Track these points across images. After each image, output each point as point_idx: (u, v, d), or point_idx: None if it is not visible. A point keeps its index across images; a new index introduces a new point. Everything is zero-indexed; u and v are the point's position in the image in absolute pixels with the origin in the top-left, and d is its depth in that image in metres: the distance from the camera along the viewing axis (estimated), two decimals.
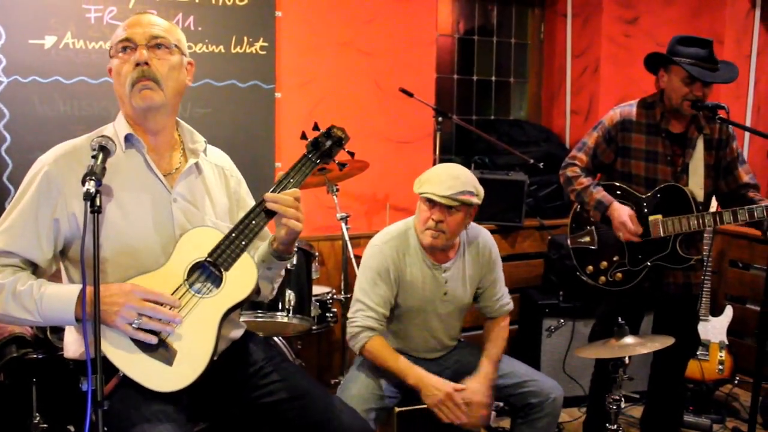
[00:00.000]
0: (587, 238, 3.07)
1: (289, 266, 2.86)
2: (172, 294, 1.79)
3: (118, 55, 1.85)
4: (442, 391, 2.43)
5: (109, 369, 1.70)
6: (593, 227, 3.05)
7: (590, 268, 3.06)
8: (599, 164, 3.06)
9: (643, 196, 2.94)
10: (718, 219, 2.79)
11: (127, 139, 1.88)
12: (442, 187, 2.49)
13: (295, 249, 2.00)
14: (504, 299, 2.82)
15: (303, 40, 3.77)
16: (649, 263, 2.95)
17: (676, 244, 2.90)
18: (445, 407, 2.42)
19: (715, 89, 3.59)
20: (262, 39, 3.64)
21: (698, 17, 4.52)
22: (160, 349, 1.75)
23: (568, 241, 3.14)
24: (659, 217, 2.89)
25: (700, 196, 2.89)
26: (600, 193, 2.97)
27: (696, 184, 2.89)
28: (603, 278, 3.03)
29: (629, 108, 2.98)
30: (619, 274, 2.99)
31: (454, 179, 2.51)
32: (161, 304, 1.74)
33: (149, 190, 1.88)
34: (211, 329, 1.80)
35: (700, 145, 2.89)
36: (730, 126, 2.89)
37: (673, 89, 2.82)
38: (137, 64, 1.81)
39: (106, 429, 1.56)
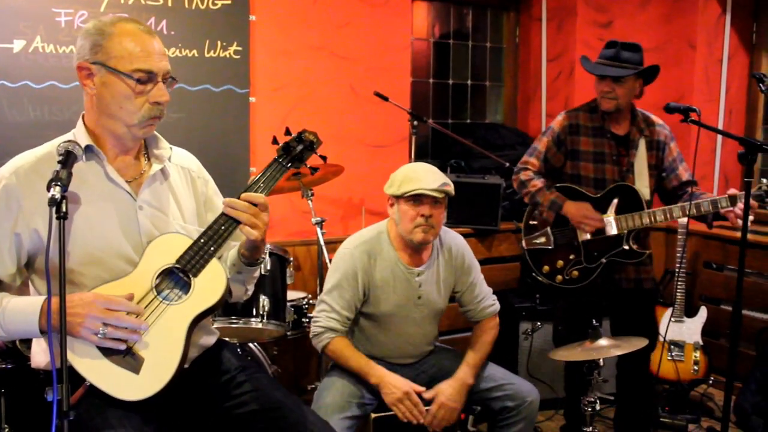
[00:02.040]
0: (543, 239, 3.15)
1: (263, 271, 2.84)
2: (140, 301, 1.76)
3: (130, 82, 1.75)
4: (401, 389, 2.45)
5: (75, 379, 1.67)
6: (548, 228, 3.14)
7: (546, 267, 3.15)
8: (550, 168, 3.18)
9: (594, 196, 3.04)
10: (668, 214, 2.92)
11: (88, 149, 1.84)
12: (428, 181, 2.51)
13: (265, 255, 1.97)
14: (486, 301, 2.82)
15: (277, 45, 3.75)
16: (604, 260, 3.04)
17: (629, 240, 3.01)
18: (403, 405, 2.45)
19: (687, 93, 3.65)
20: (236, 43, 3.62)
21: (670, 22, 4.56)
22: (127, 357, 1.72)
23: (523, 243, 3.22)
24: (612, 215, 3.00)
25: (646, 194, 3.03)
26: (554, 194, 3.09)
27: (642, 183, 3.04)
28: (560, 277, 3.12)
29: (576, 112, 3.15)
30: (575, 272, 3.08)
31: (434, 173, 2.56)
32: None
33: (112, 199, 1.85)
34: (179, 336, 1.77)
35: (642, 145, 3.04)
36: (666, 127, 3.09)
37: (597, 90, 3.05)
38: (158, 102, 1.79)
39: None
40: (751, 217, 2.81)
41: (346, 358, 2.55)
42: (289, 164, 1.94)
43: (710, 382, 3.93)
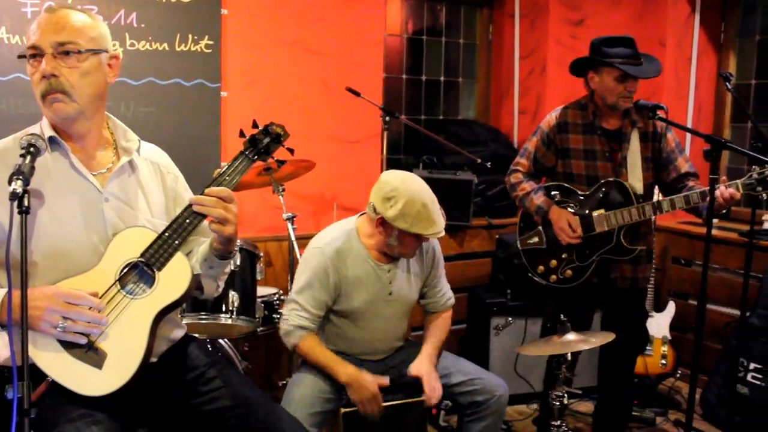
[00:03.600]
0: (536, 239, 3.13)
1: (232, 267, 2.82)
2: (103, 295, 1.75)
3: (29, 61, 1.78)
4: (370, 391, 2.48)
5: (37, 375, 1.66)
6: (541, 227, 3.12)
7: (541, 267, 3.13)
8: (541, 168, 3.16)
9: (585, 194, 3.02)
10: (657, 208, 2.88)
11: (52, 140, 1.82)
12: (438, 226, 2.50)
13: (236, 249, 1.96)
14: (447, 294, 2.87)
15: (249, 39, 3.72)
16: (595, 258, 3.02)
17: (620, 237, 2.98)
18: (369, 405, 2.48)
19: (658, 91, 3.70)
20: (207, 37, 3.58)
21: (642, 20, 4.61)
22: (89, 352, 1.71)
23: (518, 244, 3.20)
24: (602, 211, 2.98)
25: (639, 188, 2.98)
26: (540, 199, 3.08)
27: (635, 177, 2.98)
28: (554, 276, 3.10)
29: (564, 110, 3.10)
30: (569, 271, 3.07)
31: (438, 212, 2.53)
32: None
33: (77, 192, 1.83)
34: (143, 331, 1.76)
35: (635, 138, 2.98)
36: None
37: (606, 89, 2.91)
38: (44, 77, 1.75)
39: None
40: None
41: (316, 356, 2.55)
42: (256, 157, 1.92)
43: (677, 375, 3.99)
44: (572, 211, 3.03)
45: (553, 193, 3.06)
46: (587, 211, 3.00)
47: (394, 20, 4.66)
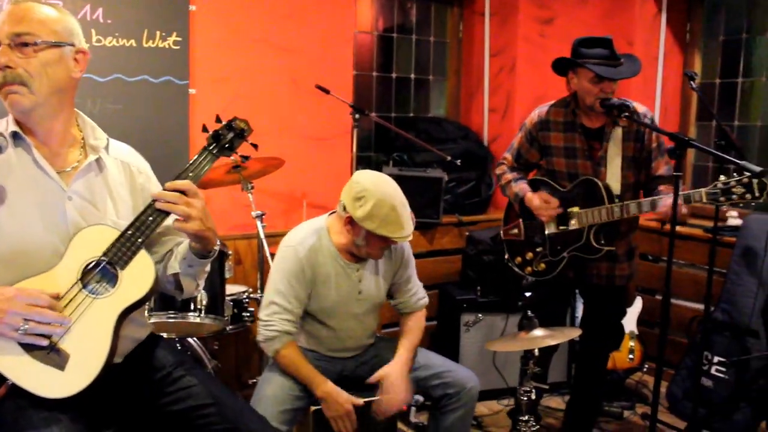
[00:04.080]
0: (515, 230, 3.22)
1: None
2: (65, 295, 1.72)
3: None
4: (345, 408, 2.47)
5: None
6: (520, 219, 3.19)
7: (519, 258, 3.21)
8: (525, 163, 3.24)
9: (563, 190, 3.07)
10: (624, 210, 2.89)
11: (15, 136, 1.79)
12: (406, 230, 2.50)
13: (216, 248, 1.94)
14: (419, 294, 2.85)
15: (218, 36, 3.70)
16: (566, 254, 3.06)
17: (590, 235, 3.00)
18: (341, 422, 2.48)
19: (625, 89, 3.73)
20: (175, 33, 3.55)
21: (610, 19, 4.66)
22: (51, 354, 1.68)
23: (501, 233, 3.30)
24: (576, 209, 3.02)
25: (616, 188, 2.98)
26: (518, 186, 3.16)
27: (613, 176, 3.00)
28: (529, 268, 3.17)
29: (546, 108, 3.13)
30: (542, 265, 3.13)
31: (409, 219, 2.52)
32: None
33: (39, 189, 1.79)
34: (106, 331, 1.74)
35: (617, 137, 2.98)
36: (648, 115, 3.01)
37: (584, 90, 2.92)
38: None
39: None
40: (684, 208, 2.90)
41: (297, 367, 2.53)
42: (219, 152, 1.89)
43: (645, 369, 4.05)
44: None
45: (538, 187, 3.14)
46: (564, 207, 3.05)
47: (365, 17, 4.66)
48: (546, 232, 3.11)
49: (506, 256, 3.27)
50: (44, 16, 1.78)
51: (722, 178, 2.66)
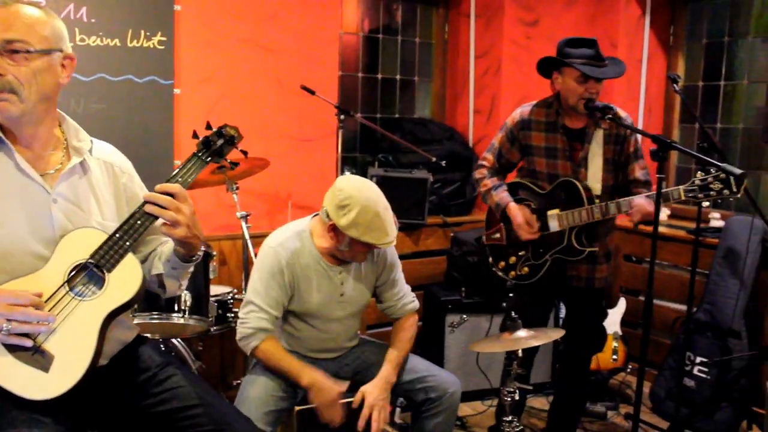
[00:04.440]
0: (498, 235, 3.19)
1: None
2: (51, 297, 1.71)
3: None
4: (332, 394, 2.45)
5: None
6: (502, 224, 3.17)
7: (502, 263, 3.19)
8: (506, 163, 3.20)
9: (543, 192, 3.06)
10: (604, 210, 2.89)
11: None
12: (389, 236, 2.50)
13: (200, 253, 1.93)
14: (406, 298, 2.83)
15: (203, 36, 3.69)
16: (548, 257, 3.06)
17: (572, 237, 3.00)
18: (331, 409, 2.46)
19: (609, 91, 3.76)
20: (160, 33, 3.54)
21: (594, 22, 4.69)
22: (35, 355, 1.67)
23: (483, 238, 3.27)
24: (557, 211, 3.01)
25: (597, 189, 2.99)
26: (498, 196, 3.12)
27: (593, 177, 3.00)
28: (513, 273, 3.16)
29: (529, 108, 3.11)
30: (526, 268, 3.12)
31: (392, 225, 2.52)
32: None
33: (23, 193, 1.77)
34: (92, 333, 1.73)
35: (599, 139, 2.99)
36: (629, 120, 3.02)
37: (568, 90, 2.91)
38: None
39: None
40: (667, 212, 2.93)
41: (277, 360, 2.52)
42: (209, 159, 1.89)
43: (628, 370, 4.07)
44: (531, 208, 3.07)
45: (517, 190, 3.11)
46: (544, 210, 3.04)
47: (350, 18, 4.67)
48: (520, 237, 3.09)
49: (490, 260, 3.25)
50: (34, 21, 1.75)
51: (699, 174, 2.68)
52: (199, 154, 1.88)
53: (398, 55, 4.91)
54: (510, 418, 2.62)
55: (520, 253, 3.14)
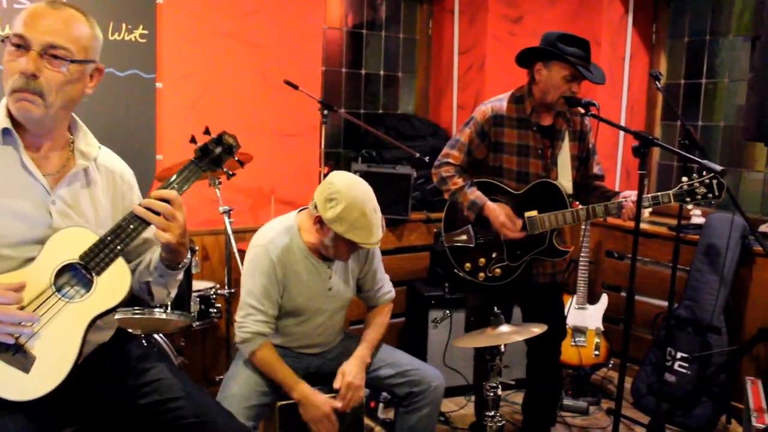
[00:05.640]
0: (464, 237, 3.07)
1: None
2: (37, 297, 1.68)
3: (10, 48, 1.69)
4: (322, 410, 2.48)
5: None
6: (469, 226, 3.06)
7: (468, 265, 3.08)
8: (473, 160, 3.05)
9: (517, 193, 2.98)
10: (591, 213, 2.89)
11: (6, 132, 1.74)
12: (375, 237, 2.50)
13: (187, 259, 1.91)
14: (385, 288, 2.86)
15: (185, 29, 3.65)
16: (527, 258, 3.02)
17: (553, 238, 2.99)
18: (322, 425, 2.48)
19: (593, 88, 3.77)
20: (141, 26, 3.50)
21: (577, 19, 4.70)
22: (17, 355, 1.64)
23: (443, 240, 3.14)
24: (535, 213, 2.95)
25: (569, 188, 2.98)
26: (474, 194, 2.98)
27: (565, 176, 2.99)
28: (482, 274, 3.06)
29: (500, 103, 3.01)
30: (498, 270, 3.04)
31: (378, 226, 2.51)
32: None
33: (24, 190, 1.75)
34: (76, 336, 1.71)
35: (567, 137, 2.99)
36: (586, 118, 3.02)
37: (552, 85, 2.86)
38: (22, 73, 1.66)
39: None
40: (649, 210, 2.95)
41: (273, 369, 2.53)
42: (206, 168, 1.87)
43: (610, 365, 4.10)
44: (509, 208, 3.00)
45: (482, 187, 3.01)
46: (519, 211, 2.97)
47: (334, 13, 4.65)
48: (503, 237, 2.98)
49: (452, 262, 3.12)
50: (81, 31, 1.73)
51: (685, 179, 2.73)
52: (197, 162, 1.86)
53: (382, 51, 4.90)
54: (492, 413, 2.63)
55: (492, 255, 3.04)
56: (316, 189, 2.56)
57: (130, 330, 2.94)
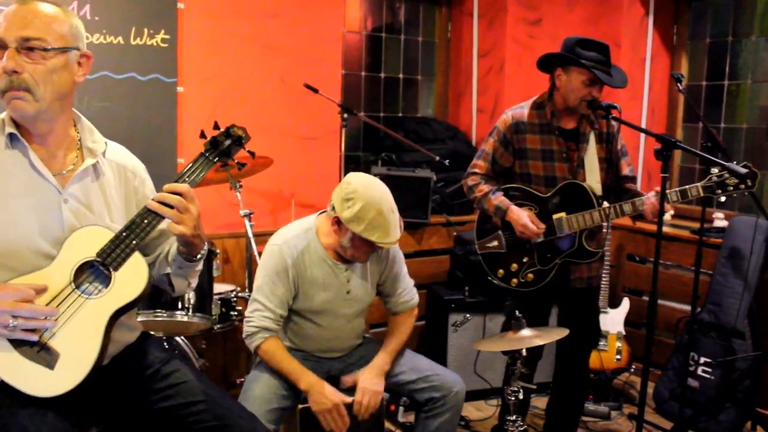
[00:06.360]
0: (495, 243, 3.09)
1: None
2: (57, 295, 1.71)
3: None
4: (331, 401, 2.45)
5: None
6: (500, 231, 3.08)
7: (501, 271, 3.09)
8: (499, 169, 3.10)
9: (545, 196, 2.99)
10: (619, 211, 2.87)
11: (12, 137, 1.77)
12: (392, 236, 2.49)
13: (203, 251, 1.94)
14: (408, 295, 2.83)
15: (206, 34, 3.68)
16: (558, 261, 3.01)
17: (582, 240, 2.98)
18: (330, 416, 2.46)
19: (613, 91, 3.75)
20: (163, 31, 3.53)
21: (597, 22, 4.68)
22: (41, 352, 1.67)
23: (476, 248, 3.16)
24: (563, 214, 2.95)
25: (598, 189, 2.97)
26: (498, 199, 3.02)
27: (593, 178, 2.97)
28: (515, 280, 3.07)
29: (520, 110, 3.04)
30: (530, 275, 3.04)
31: (396, 225, 2.51)
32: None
33: (35, 191, 1.78)
34: (98, 331, 1.73)
35: (592, 139, 2.98)
36: (615, 124, 2.99)
37: (571, 90, 2.87)
38: (5, 72, 1.68)
39: None
40: (671, 212, 2.92)
41: (278, 361, 2.52)
42: (216, 159, 1.89)
43: (632, 370, 4.06)
44: (535, 213, 3.00)
45: (514, 194, 3.03)
46: (548, 214, 2.98)
47: (354, 17, 4.66)
48: (532, 241, 3.01)
49: (486, 269, 3.13)
50: (52, 19, 1.75)
51: (715, 170, 2.69)
52: (207, 154, 1.88)
53: (401, 54, 4.90)
54: (514, 417, 2.61)
55: (524, 260, 3.05)
56: (334, 190, 2.56)
57: (152, 332, 2.96)
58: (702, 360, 3.60)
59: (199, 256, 1.92)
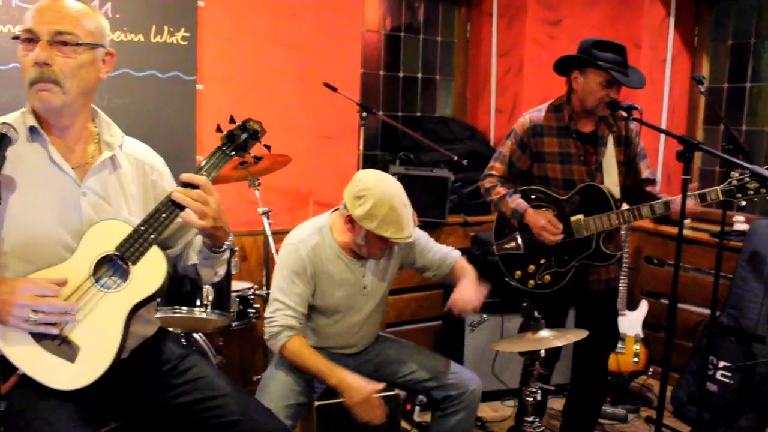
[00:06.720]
0: (513, 244, 3.08)
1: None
2: (77, 289, 1.72)
3: (22, 45, 1.75)
4: (363, 392, 2.41)
5: (7, 368, 1.64)
6: (517, 233, 3.07)
7: (518, 272, 3.09)
8: (517, 172, 3.09)
9: (563, 198, 2.98)
10: (636, 214, 2.85)
11: (32, 130, 1.80)
12: (406, 232, 2.49)
13: (229, 241, 1.96)
14: (449, 256, 2.84)
15: (226, 32, 3.69)
16: (575, 263, 2.99)
17: (599, 242, 2.96)
18: (364, 408, 2.42)
19: (633, 92, 3.72)
20: (183, 29, 3.55)
21: (617, 22, 4.65)
22: (62, 345, 1.69)
23: (494, 249, 3.15)
24: (581, 217, 2.94)
25: (616, 192, 2.95)
26: (515, 202, 3.01)
27: (611, 181, 2.95)
28: (532, 282, 3.06)
29: (538, 113, 3.03)
30: (547, 276, 3.03)
31: (409, 221, 2.51)
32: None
33: (54, 184, 1.80)
34: (117, 325, 1.74)
35: (611, 142, 2.96)
36: (631, 123, 2.97)
37: (589, 92, 2.85)
38: (36, 64, 1.71)
39: (2, 430, 1.49)
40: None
41: (304, 359, 2.49)
42: (233, 153, 1.91)
43: (650, 373, 4.04)
44: (553, 214, 2.98)
45: (533, 196, 3.03)
46: (566, 216, 2.96)
47: (372, 16, 4.66)
48: (543, 241, 2.99)
49: (503, 271, 3.13)
50: (83, 15, 1.78)
51: (735, 174, 2.65)
52: (223, 148, 1.90)
53: (420, 54, 4.90)
54: (531, 418, 2.60)
55: (541, 262, 3.03)
56: (346, 188, 2.56)
57: (170, 329, 2.97)
58: (721, 364, 3.56)
59: (224, 247, 1.94)
